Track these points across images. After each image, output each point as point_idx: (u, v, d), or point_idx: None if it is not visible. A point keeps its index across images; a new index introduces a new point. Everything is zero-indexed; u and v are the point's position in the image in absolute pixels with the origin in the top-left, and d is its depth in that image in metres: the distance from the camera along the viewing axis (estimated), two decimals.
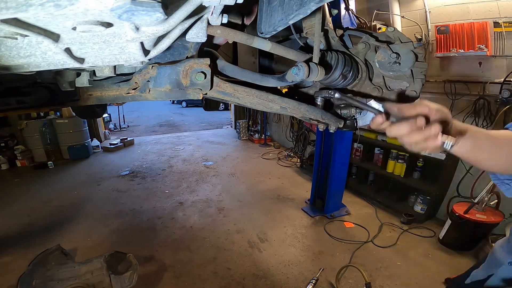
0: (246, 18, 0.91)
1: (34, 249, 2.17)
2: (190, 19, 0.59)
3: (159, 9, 0.39)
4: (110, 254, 1.87)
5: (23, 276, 1.67)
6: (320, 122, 1.00)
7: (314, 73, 0.75)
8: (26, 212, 3.25)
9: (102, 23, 0.45)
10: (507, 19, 2.41)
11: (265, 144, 6.41)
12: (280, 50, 0.85)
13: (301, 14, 0.60)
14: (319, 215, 3.15)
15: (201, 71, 0.84)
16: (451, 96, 2.82)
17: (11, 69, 0.63)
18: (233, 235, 2.81)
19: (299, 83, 1.07)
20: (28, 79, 0.93)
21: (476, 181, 2.65)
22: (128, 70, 0.92)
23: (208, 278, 2.21)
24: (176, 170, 4.76)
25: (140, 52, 0.62)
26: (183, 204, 3.48)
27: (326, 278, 2.19)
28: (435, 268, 2.30)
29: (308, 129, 4.99)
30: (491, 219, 2.33)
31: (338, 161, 3.02)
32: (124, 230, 2.89)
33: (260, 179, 4.35)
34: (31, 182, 4.24)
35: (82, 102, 1.03)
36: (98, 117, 5.41)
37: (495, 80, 2.52)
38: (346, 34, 0.99)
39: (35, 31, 0.45)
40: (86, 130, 5.56)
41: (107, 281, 1.73)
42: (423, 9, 2.94)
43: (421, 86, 0.90)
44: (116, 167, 4.91)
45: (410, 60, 0.87)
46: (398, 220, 3.04)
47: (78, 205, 3.45)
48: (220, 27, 0.73)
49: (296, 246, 2.63)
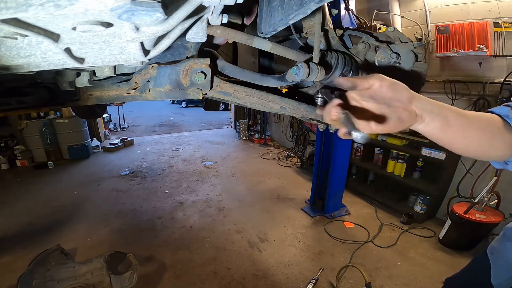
0: (246, 18, 0.91)
1: (34, 249, 2.17)
2: (190, 19, 0.59)
3: (159, 9, 0.39)
4: (110, 254, 1.87)
5: (23, 276, 1.67)
6: (320, 122, 1.00)
7: (314, 73, 0.75)
8: (26, 212, 3.25)
9: (102, 23, 0.45)
10: (507, 19, 2.41)
11: (265, 144, 6.41)
12: (280, 50, 0.85)
13: (301, 14, 0.60)
14: (319, 215, 3.15)
15: (201, 71, 0.84)
16: (451, 96, 2.82)
17: (11, 69, 0.63)
18: (233, 235, 2.81)
19: (299, 83, 1.07)
20: (28, 79, 0.93)
21: (476, 181, 2.65)
22: (128, 70, 0.92)
23: (208, 278, 2.21)
24: (176, 170, 4.75)
25: (140, 52, 0.62)
26: (183, 204, 3.48)
27: (326, 278, 2.19)
28: (435, 268, 2.30)
29: (308, 129, 4.99)
30: (491, 219, 2.33)
31: (338, 161, 3.02)
32: (124, 230, 2.89)
33: (260, 179, 4.35)
34: (31, 182, 4.24)
35: (82, 102, 1.03)
36: (98, 117, 5.41)
37: (495, 80, 2.52)
38: (346, 34, 0.99)
39: (35, 31, 0.45)
40: (86, 130, 5.55)
41: (107, 281, 1.73)
42: (423, 9, 2.94)
43: (421, 86, 0.90)
44: (116, 167, 4.91)
45: (410, 60, 0.87)
46: (398, 220, 3.04)
47: (78, 205, 3.45)
48: (220, 27, 0.73)
49: (296, 246, 2.63)
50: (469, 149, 0.61)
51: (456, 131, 0.56)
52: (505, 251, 0.85)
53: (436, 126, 0.54)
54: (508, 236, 0.87)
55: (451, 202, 2.86)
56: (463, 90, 2.75)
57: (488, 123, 0.59)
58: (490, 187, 2.38)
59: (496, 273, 0.86)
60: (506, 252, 0.85)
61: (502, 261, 0.85)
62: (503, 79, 2.40)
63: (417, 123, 0.54)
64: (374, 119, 0.51)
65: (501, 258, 0.86)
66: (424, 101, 0.53)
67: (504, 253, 0.86)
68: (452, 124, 0.55)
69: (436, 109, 0.54)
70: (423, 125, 0.54)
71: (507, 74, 2.37)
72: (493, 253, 0.91)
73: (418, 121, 0.53)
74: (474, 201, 2.45)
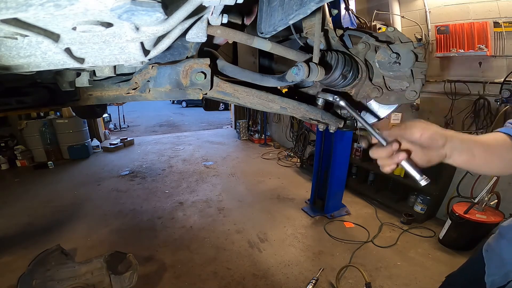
0: (246, 18, 0.91)
1: (34, 249, 2.16)
2: (190, 19, 0.59)
3: (159, 9, 0.39)
4: (110, 254, 1.87)
5: (23, 276, 1.67)
6: (320, 122, 1.00)
7: (314, 73, 0.75)
8: (26, 212, 3.25)
9: (102, 23, 0.45)
10: (507, 19, 2.41)
11: (265, 144, 6.41)
12: (280, 50, 0.85)
13: (301, 14, 0.59)
14: (319, 215, 3.15)
15: (201, 71, 0.84)
16: (451, 96, 2.82)
17: (11, 69, 0.63)
18: (233, 235, 2.81)
19: (299, 83, 1.06)
20: (28, 79, 0.93)
21: (476, 181, 2.65)
22: (128, 70, 0.92)
23: (208, 278, 2.21)
24: (176, 170, 4.75)
25: (140, 52, 0.62)
26: (183, 204, 3.48)
27: (326, 278, 2.19)
28: (435, 268, 2.30)
29: (308, 129, 4.98)
30: (491, 219, 2.33)
31: (338, 161, 3.02)
32: (124, 230, 2.89)
33: (260, 179, 4.35)
34: (31, 182, 4.24)
35: (82, 102, 1.03)
36: (98, 117, 5.41)
37: (495, 80, 2.52)
38: (346, 34, 0.99)
39: (35, 31, 0.45)
40: (86, 130, 5.56)
41: (107, 281, 1.73)
42: (423, 9, 2.94)
43: (421, 86, 0.90)
44: (116, 167, 4.91)
45: (410, 60, 0.87)
46: (398, 220, 3.04)
47: (78, 205, 3.45)
48: (220, 27, 0.73)
49: (296, 246, 2.63)
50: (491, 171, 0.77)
51: (480, 162, 0.64)
52: (499, 249, 0.86)
53: (463, 160, 0.63)
54: (502, 234, 0.88)
55: (451, 202, 2.86)
56: (463, 90, 2.75)
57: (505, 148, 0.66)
58: (490, 187, 2.38)
59: (490, 271, 0.87)
60: (500, 250, 0.86)
61: (496, 258, 0.86)
62: (503, 79, 2.40)
63: (445, 160, 0.62)
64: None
65: (495, 256, 0.87)
66: (455, 141, 0.61)
67: (498, 250, 0.86)
68: (477, 157, 0.63)
69: (465, 147, 0.62)
70: (451, 160, 0.62)
71: (507, 74, 2.38)
72: (488, 251, 0.92)
73: (446, 159, 0.62)
74: (474, 201, 2.45)
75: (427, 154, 0.61)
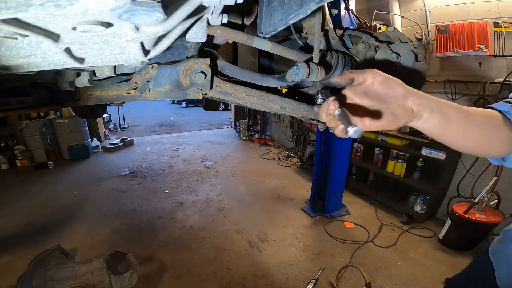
0: (246, 18, 0.91)
1: (34, 249, 2.16)
2: (190, 19, 0.59)
3: (159, 9, 0.39)
4: (110, 254, 1.87)
5: (23, 276, 1.67)
6: (320, 122, 1.00)
7: (314, 73, 0.75)
8: (26, 212, 3.25)
9: (102, 23, 0.45)
10: (507, 19, 2.41)
11: (265, 144, 6.41)
12: (280, 50, 0.85)
13: (301, 14, 0.59)
14: (319, 215, 3.15)
15: (201, 71, 0.84)
16: (451, 96, 2.82)
17: (11, 69, 0.63)
18: (233, 235, 2.81)
19: (299, 83, 1.06)
20: (28, 79, 0.93)
21: (476, 181, 2.65)
22: (128, 70, 0.92)
23: (208, 278, 2.21)
24: (176, 170, 4.75)
25: (140, 52, 0.62)
26: (183, 204, 3.48)
27: (326, 278, 2.19)
28: (435, 268, 2.30)
29: (308, 129, 4.99)
30: (491, 219, 2.33)
31: (338, 161, 3.02)
32: (124, 230, 2.89)
33: (260, 179, 4.35)
34: (31, 182, 4.24)
35: (82, 102, 1.03)
36: (98, 117, 5.41)
37: (495, 80, 2.52)
38: (346, 34, 0.99)
39: (35, 31, 0.45)
40: (86, 130, 5.55)
41: (107, 281, 1.73)
42: (423, 9, 2.94)
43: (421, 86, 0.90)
44: (116, 167, 4.91)
45: (410, 60, 0.87)
46: (398, 220, 3.04)
47: (78, 205, 3.45)
48: (220, 27, 0.73)
49: (296, 246, 2.63)
50: (469, 146, 0.59)
51: (456, 128, 0.55)
52: (508, 252, 0.85)
53: (436, 123, 0.53)
54: (509, 237, 0.86)
55: (451, 202, 2.86)
56: (463, 90, 2.75)
57: (488, 119, 0.57)
58: (490, 187, 2.38)
59: (501, 275, 0.85)
60: (509, 253, 0.84)
61: (505, 262, 0.85)
62: (503, 79, 2.40)
63: (415, 120, 0.52)
64: (369, 116, 0.50)
65: (504, 259, 0.86)
66: (422, 97, 0.51)
67: (506, 253, 0.85)
68: (452, 120, 0.53)
69: (435, 105, 0.52)
70: (421, 121, 0.52)
71: (507, 74, 2.37)
72: (495, 255, 0.90)
73: (415, 118, 0.52)
74: (474, 201, 2.44)
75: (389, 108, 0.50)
